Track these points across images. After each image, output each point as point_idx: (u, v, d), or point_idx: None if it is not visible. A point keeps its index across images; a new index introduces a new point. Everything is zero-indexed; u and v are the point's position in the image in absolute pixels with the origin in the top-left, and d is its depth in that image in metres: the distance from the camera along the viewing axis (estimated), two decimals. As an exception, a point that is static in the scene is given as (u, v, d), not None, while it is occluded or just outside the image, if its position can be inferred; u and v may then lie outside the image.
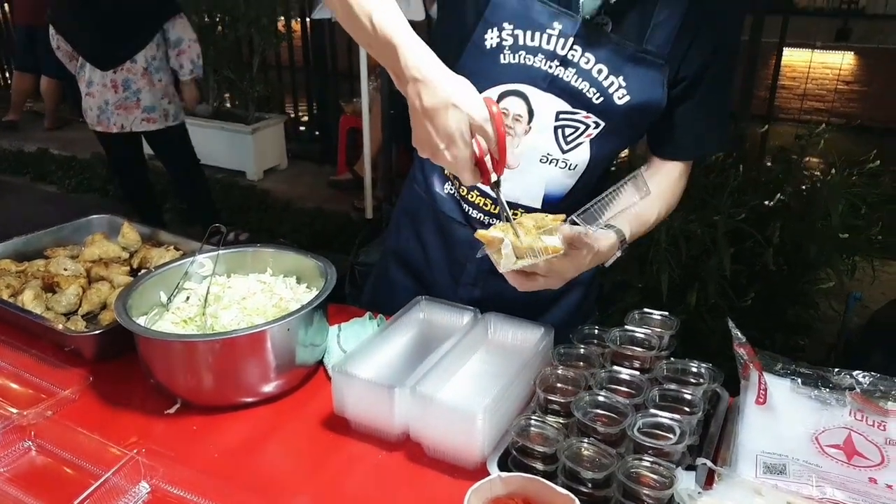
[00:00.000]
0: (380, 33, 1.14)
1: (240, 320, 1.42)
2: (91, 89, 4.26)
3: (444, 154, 1.14)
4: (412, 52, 1.13)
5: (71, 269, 1.73)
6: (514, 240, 1.13)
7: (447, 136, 1.12)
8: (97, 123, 4.33)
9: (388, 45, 1.14)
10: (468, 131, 1.13)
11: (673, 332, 1.32)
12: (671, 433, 1.09)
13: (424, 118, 1.13)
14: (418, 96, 1.12)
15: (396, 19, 1.14)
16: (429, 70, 1.12)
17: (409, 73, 1.12)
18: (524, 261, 1.14)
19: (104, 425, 1.28)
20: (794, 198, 2.88)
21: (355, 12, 1.16)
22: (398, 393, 1.17)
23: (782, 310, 3.03)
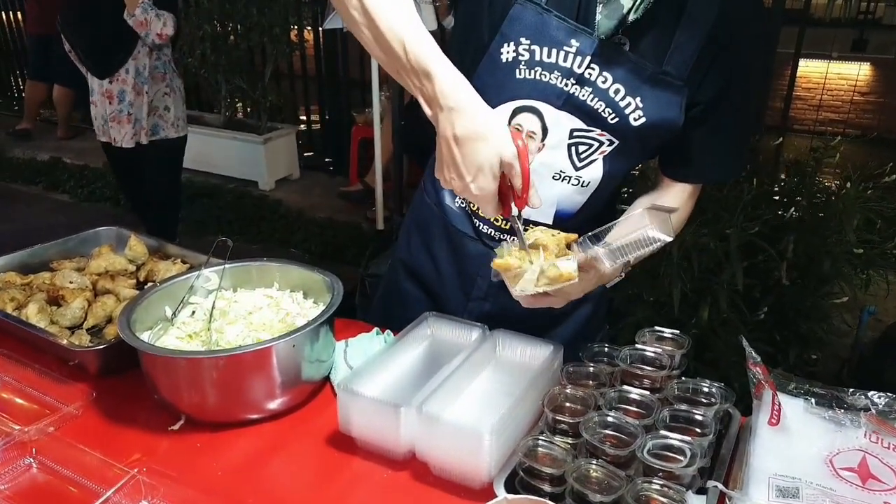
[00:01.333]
0: (413, 59, 1.12)
1: (245, 336, 1.40)
2: (94, 98, 4.26)
3: (469, 186, 1.14)
4: (449, 79, 1.12)
5: (77, 282, 1.73)
6: (530, 269, 1.13)
7: (477, 167, 1.12)
8: (101, 133, 4.33)
9: (422, 73, 1.12)
10: (497, 165, 1.12)
11: (685, 350, 1.29)
12: (682, 455, 1.06)
13: (455, 146, 1.12)
14: (451, 125, 1.11)
15: (430, 45, 1.13)
16: (465, 99, 1.11)
17: (445, 102, 1.11)
18: (539, 287, 1.13)
19: (107, 442, 1.27)
20: (808, 211, 2.84)
21: (386, 38, 1.15)
22: (404, 412, 1.15)
23: (795, 324, 2.99)
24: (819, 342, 3.14)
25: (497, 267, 1.17)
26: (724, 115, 1.34)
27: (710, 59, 1.27)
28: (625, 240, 1.13)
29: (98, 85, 4.19)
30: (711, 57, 1.27)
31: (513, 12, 1.27)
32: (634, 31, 1.25)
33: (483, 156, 1.11)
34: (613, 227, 1.24)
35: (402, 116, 4.34)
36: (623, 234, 1.18)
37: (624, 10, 1.21)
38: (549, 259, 1.14)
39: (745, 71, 1.32)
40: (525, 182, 1.15)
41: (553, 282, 1.13)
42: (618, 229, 1.23)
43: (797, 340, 2.98)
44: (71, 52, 4.25)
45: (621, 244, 1.14)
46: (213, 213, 5.75)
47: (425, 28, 1.15)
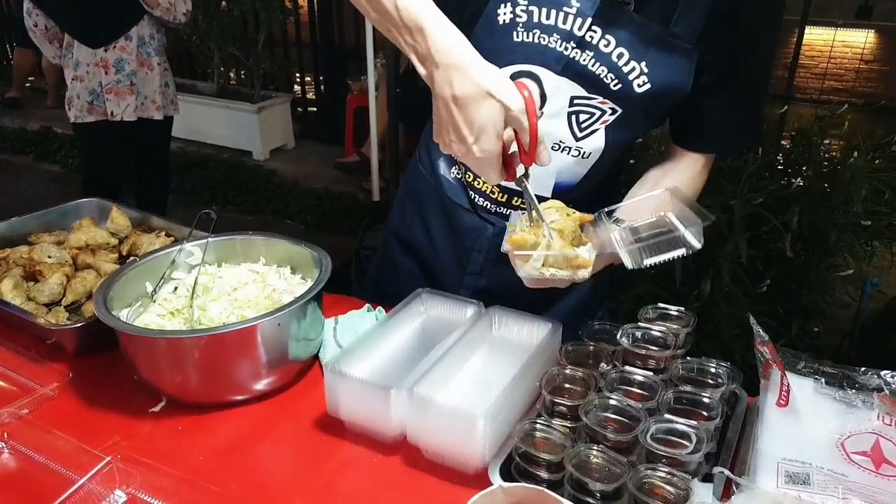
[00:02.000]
0: (405, 15, 1.05)
1: (229, 313, 1.34)
2: (79, 72, 3.75)
3: (472, 149, 1.05)
4: (443, 35, 1.03)
5: (55, 256, 1.66)
6: (547, 248, 1.06)
7: (480, 127, 1.03)
8: (89, 112, 3.80)
9: (415, 29, 1.04)
10: (502, 123, 1.04)
11: (689, 329, 1.23)
12: (687, 440, 1.01)
13: (455, 107, 1.03)
14: (449, 83, 1.03)
15: (423, 2, 1.05)
16: (461, 55, 1.03)
17: (440, 59, 1.03)
18: (550, 270, 1.07)
19: (84, 424, 1.22)
20: (813, 181, 2.77)
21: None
22: (395, 394, 1.09)
23: (798, 296, 2.94)
24: (821, 314, 3.10)
25: (512, 244, 1.09)
26: (739, 80, 1.26)
27: (722, 19, 1.18)
28: (648, 232, 1.05)
29: (89, 56, 3.73)
30: (724, 17, 1.18)
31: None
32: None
33: (485, 114, 1.03)
34: (629, 203, 1.18)
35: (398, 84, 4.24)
36: (641, 215, 1.13)
37: None
38: (564, 244, 1.07)
39: (760, 33, 1.24)
40: (533, 137, 1.07)
41: (566, 266, 1.07)
42: (634, 206, 1.17)
43: (799, 313, 2.93)
44: (36, 27, 3.79)
45: (648, 244, 1.05)
46: (207, 183, 5.66)
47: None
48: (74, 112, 3.83)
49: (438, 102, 1.06)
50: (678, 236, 1.04)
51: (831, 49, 7.67)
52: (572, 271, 1.09)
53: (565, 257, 1.07)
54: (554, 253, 1.08)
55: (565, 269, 1.08)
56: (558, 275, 1.09)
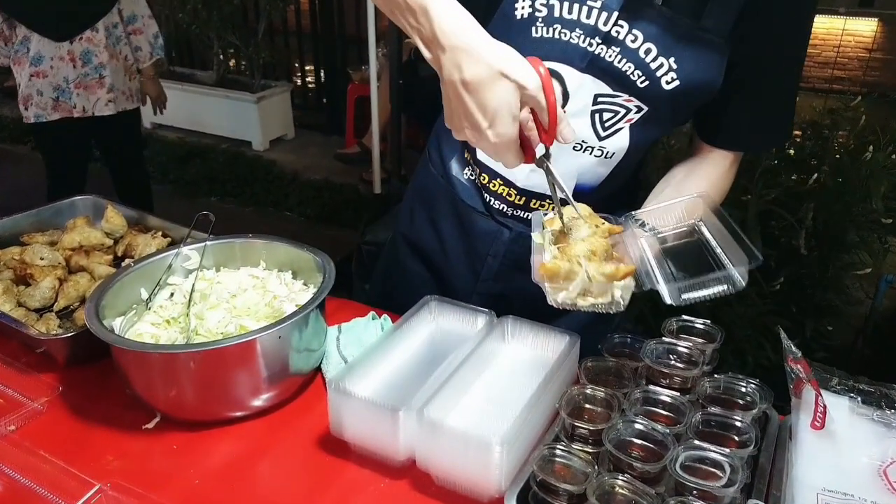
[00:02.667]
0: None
1: (227, 322, 1.27)
2: (41, 67, 3.39)
3: (487, 134, 0.97)
4: (449, 15, 0.95)
5: (48, 257, 1.59)
6: (577, 280, 0.99)
7: (493, 111, 0.95)
8: (54, 109, 3.46)
9: (419, 10, 0.96)
10: (517, 104, 0.96)
11: (717, 344, 1.16)
12: (719, 469, 0.94)
13: (465, 92, 0.95)
14: (457, 67, 0.95)
15: None
16: (470, 36, 0.95)
17: (447, 41, 0.95)
18: (588, 299, 1.01)
19: (74, 442, 1.15)
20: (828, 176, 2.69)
21: None
22: (403, 416, 1.02)
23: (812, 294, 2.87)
24: (835, 312, 3.03)
25: (545, 273, 1.01)
26: (771, 74, 1.19)
27: (754, 12, 1.10)
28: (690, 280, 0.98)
29: (52, 50, 3.40)
30: (756, 10, 1.10)
31: None
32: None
33: (500, 97, 0.95)
34: (659, 208, 1.12)
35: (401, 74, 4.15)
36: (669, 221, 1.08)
37: None
38: (597, 268, 1.00)
39: (792, 27, 1.17)
40: (552, 114, 0.99)
41: (601, 294, 1.00)
42: (664, 211, 1.11)
43: (813, 311, 2.86)
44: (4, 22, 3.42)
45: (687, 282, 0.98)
46: (205, 174, 5.58)
47: None
48: (35, 111, 3.46)
49: (447, 87, 0.98)
50: (726, 275, 0.96)
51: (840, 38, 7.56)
52: (609, 300, 1.01)
53: (603, 287, 1.00)
54: (593, 286, 1.00)
55: (602, 296, 1.01)
56: (597, 303, 1.02)
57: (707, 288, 0.96)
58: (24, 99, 3.47)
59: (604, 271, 0.99)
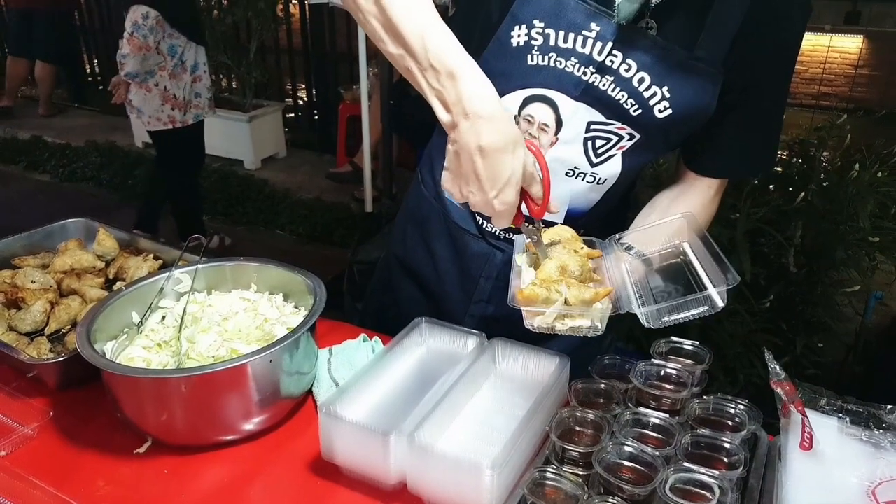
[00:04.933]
0: (434, 60, 0.99)
1: (219, 346, 1.27)
2: (198, 73, 4.08)
3: (493, 202, 1.01)
4: (476, 84, 0.98)
5: (39, 281, 1.59)
6: (554, 306, 1.02)
7: (504, 180, 0.99)
8: (209, 106, 4.19)
9: (445, 73, 0.98)
10: (522, 175, 1.01)
11: (706, 365, 1.17)
12: (709, 492, 0.94)
13: (480, 159, 0.98)
14: (477, 134, 0.97)
15: (454, 45, 1.00)
16: (493, 106, 0.98)
17: (472, 108, 0.97)
18: (565, 322, 1.03)
19: (65, 468, 1.15)
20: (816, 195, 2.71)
21: (401, 32, 1.00)
22: (394, 440, 1.02)
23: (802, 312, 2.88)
24: (825, 329, 3.04)
25: (522, 300, 1.03)
26: (759, 102, 1.21)
27: (746, 42, 1.13)
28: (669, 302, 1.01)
29: (203, 53, 4.08)
30: (748, 40, 1.13)
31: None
32: (661, 13, 1.11)
33: (510, 168, 0.99)
34: (642, 230, 1.15)
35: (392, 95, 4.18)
36: (654, 244, 1.10)
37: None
38: (575, 293, 1.01)
39: (781, 56, 1.19)
40: (546, 189, 1.04)
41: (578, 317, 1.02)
42: (647, 234, 1.12)
43: (803, 329, 2.88)
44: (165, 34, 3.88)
45: (668, 304, 1.00)
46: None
47: (448, 29, 1.01)
48: (194, 112, 4.10)
49: (460, 152, 1.01)
50: (705, 296, 0.99)
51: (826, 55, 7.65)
52: (588, 324, 1.03)
53: (580, 312, 1.02)
54: (570, 310, 1.02)
55: (579, 320, 1.03)
56: (574, 326, 1.04)
57: (686, 310, 0.98)
58: (184, 105, 4.03)
59: (582, 297, 1.01)
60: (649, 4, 1.09)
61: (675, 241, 1.15)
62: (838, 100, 7.61)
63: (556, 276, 1.05)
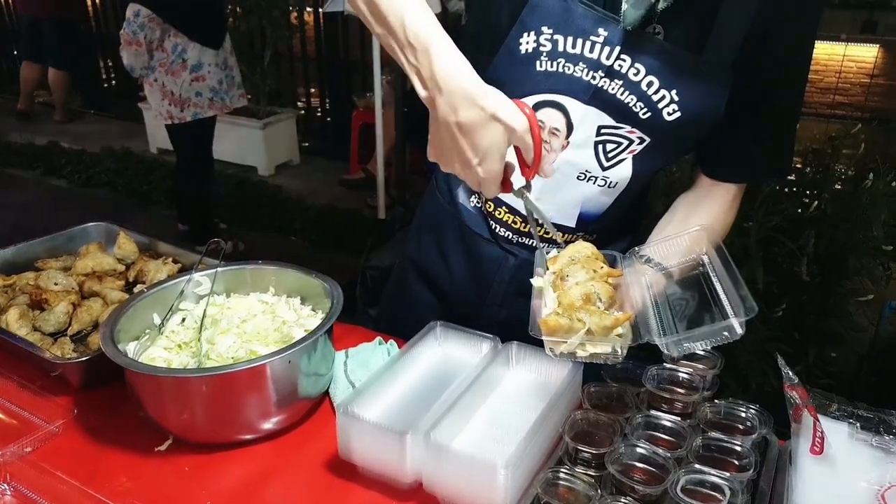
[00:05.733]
0: (412, 37, 1.03)
1: (238, 347, 1.29)
2: (201, 73, 4.19)
3: (477, 170, 1.05)
4: (448, 59, 1.02)
5: (62, 283, 1.62)
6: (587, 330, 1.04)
7: (485, 151, 1.03)
8: (209, 107, 4.25)
9: (420, 49, 1.03)
10: (506, 145, 1.05)
11: (717, 370, 1.18)
12: (719, 493, 0.96)
13: (458, 133, 1.03)
14: (453, 109, 1.01)
15: (431, 23, 1.04)
16: (468, 80, 1.02)
17: (445, 84, 1.01)
18: (588, 350, 1.06)
19: (89, 464, 1.17)
20: (830, 204, 2.72)
21: (383, 12, 1.05)
22: (410, 439, 1.04)
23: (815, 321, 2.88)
24: (838, 339, 3.04)
25: (547, 331, 1.05)
26: (772, 106, 1.23)
27: (756, 45, 1.14)
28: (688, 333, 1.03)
29: (210, 56, 4.19)
30: (758, 43, 1.14)
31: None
32: (669, 18, 1.13)
33: (490, 139, 1.03)
34: (660, 242, 1.19)
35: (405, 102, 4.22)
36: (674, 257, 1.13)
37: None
38: (597, 321, 1.04)
39: (793, 59, 1.20)
40: (538, 152, 1.07)
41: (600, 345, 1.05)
42: (670, 247, 1.16)
43: (816, 338, 2.88)
44: (170, 33, 4.08)
45: (686, 335, 1.02)
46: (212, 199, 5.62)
47: (426, 4, 1.06)
48: (193, 110, 4.23)
49: (440, 127, 1.05)
50: (727, 326, 1.01)
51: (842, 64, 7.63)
52: (608, 351, 1.06)
53: (602, 339, 1.04)
54: (591, 338, 1.05)
55: (601, 347, 1.05)
56: (596, 353, 1.06)
57: (706, 339, 1.00)
58: (180, 102, 4.18)
59: (604, 324, 1.03)
60: (655, 10, 1.11)
61: (695, 255, 1.18)
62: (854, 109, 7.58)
63: (580, 303, 1.07)
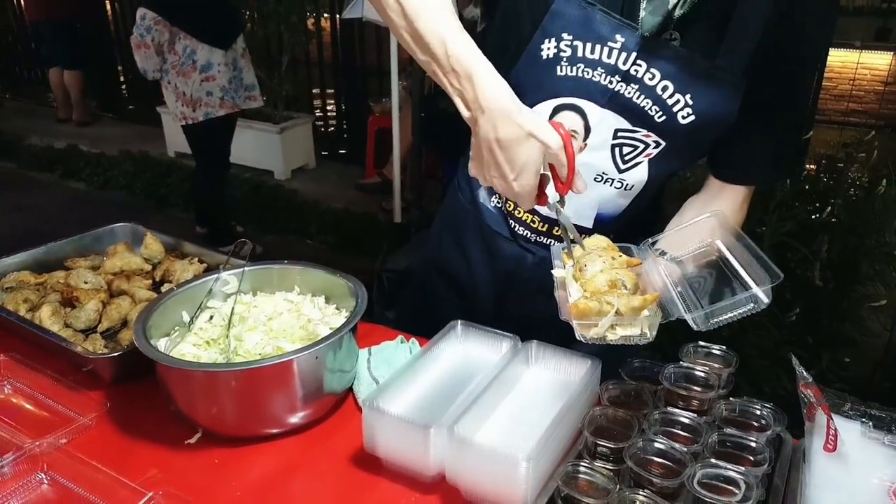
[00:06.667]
0: (454, 63, 1.09)
1: (265, 344, 1.33)
2: (210, 73, 4.23)
3: (512, 185, 1.12)
4: (490, 83, 1.09)
5: (91, 281, 1.67)
6: (616, 312, 1.08)
7: (521, 166, 1.10)
8: (220, 107, 4.30)
9: (464, 75, 1.09)
10: (541, 161, 1.11)
11: (732, 369, 1.21)
12: (735, 486, 0.99)
13: (498, 149, 1.10)
14: (493, 127, 1.09)
15: (471, 49, 1.10)
16: (506, 102, 1.09)
17: (486, 105, 1.08)
18: (618, 332, 1.09)
19: (121, 455, 1.21)
20: (843, 210, 2.74)
21: (426, 41, 1.11)
22: (434, 433, 1.08)
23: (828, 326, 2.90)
24: (852, 344, 3.05)
25: (576, 313, 1.09)
26: (783, 109, 1.26)
27: (769, 50, 1.18)
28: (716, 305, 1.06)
29: (219, 56, 4.24)
30: (771, 48, 1.18)
31: (555, 6, 1.20)
32: (684, 24, 1.17)
33: (527, 155, 1.10)
34: (674, 233, 1.23)
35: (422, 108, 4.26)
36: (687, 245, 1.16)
37: (669, 6, 1.14)
38: (626, 302, 1.07)
39: (805, 63, 1.25)
40: (571, 169, 1.13)
41: (629, 325, 1.08)
42: (679, 236, 1.20)
43: (829, 343, 2.89)
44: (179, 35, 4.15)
45: (713, 308, 1.06)
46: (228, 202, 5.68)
47: (463, 27, 1.11)
48: (204, 110, 4.27)
49: (481, 143, 1.12)
50: (751, 295, 1.04)
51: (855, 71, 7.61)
52: (638, 332, 1.09)
53: (631, 321, 1.08)
54: (620, 320, 1.08)
55: (630, 329, 1.08)
56: (626, 335, 1.09)
57: (733, 310, 1.03)
58: (192, 102, 4.24)
59: (632, 305, 1.06)
60: (672, 17, 1.15)
61: (708, 240, 1.21)
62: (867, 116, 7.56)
63: (606, 288, 1.11)
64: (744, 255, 1.10)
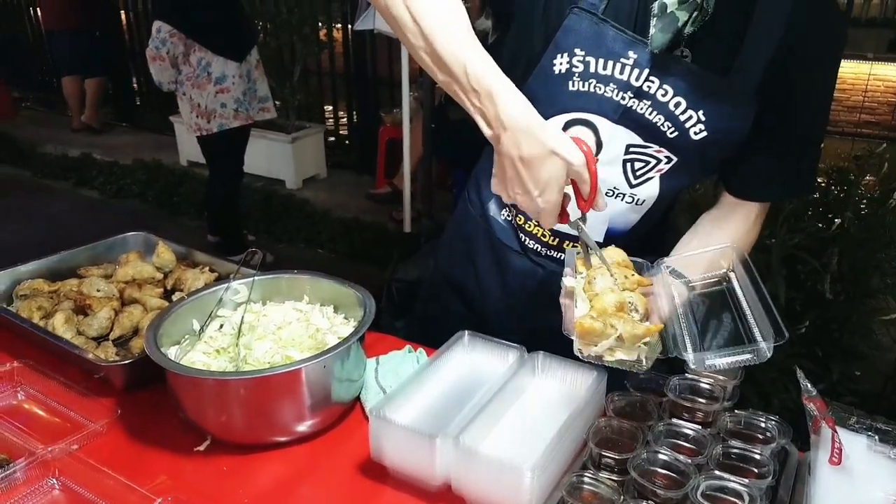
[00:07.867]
0: (475, 83, 1.10)
1: (274, 352, 1.35)
2: (225, 84, 4.28)
3: (537, 201, 1.12)
4: (513, 101, 1.10)
5: (104, 290, 1.69)
6: (618, 336, 1.09)
7: (545, 183, 1.11)
8: (234, 118, 4.35)
9: (485, 94, 1.10)
10: (564, 178, 1.11)
11: (737, 381, 1.22)
12: (738, 499, 0.99)
13: (521, 166, 1.10)
14: (517, 145, 1.09)
15: (491, 68, 1.11)
16: (529, 119, 1.09)
17: (509, 123, 1.09)
18: (617, 355, 1.10)
19: (132, 462, 1.23)
20: (854, 222, 2.74)
21: (446, 62, 1.12)
22: (440, 442, 1.09)
23: (838, 339, 2.89)
24: (862, 357, 3.03)
25: (580, 331, 1.11)
26: (796, 125, 1.26)
27: (781, 66, 1.19)
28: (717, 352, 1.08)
29: (233, 68, 4.28)
30: (783, 64, 1.19)
31: (568, 22, 1.21)
32: (696, 41, 1.18)
33: (550, 172, 1.10)
34: (687, 257, 1.24)
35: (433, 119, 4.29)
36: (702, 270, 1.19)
37: (679, 24, 1.15)
38: (629, 329, 1.09)
39: (818, 79, 1.25)
40: (593, 186, 1.14)
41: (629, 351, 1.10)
42: (696, 262, 1.22)
43: (840, 356, 2.88)
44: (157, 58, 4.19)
45: (714, 353, 1.07)
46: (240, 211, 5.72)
47: (482, 48, 1.12)
48: (219, 121, 4.33)
49: (504, 161, 1.12)
50: (755, 348, 1.04)
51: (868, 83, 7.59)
52: (634, 359, 1.10)
53: (630, 346, 1.09)
54: (620, 344, 1.10)
55: (628, 354, 1.10)
56: (622, 359, 1.11)
57: (732, 357, 1.05)
58: (207, 114, 4.30)
59: (635, 333, 1.07)
60: (682, 34, 1.16)
61: (721, 270, 1.22)
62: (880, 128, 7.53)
63: (613, 309, 1.12)
64: (754, 298, 1.11)
